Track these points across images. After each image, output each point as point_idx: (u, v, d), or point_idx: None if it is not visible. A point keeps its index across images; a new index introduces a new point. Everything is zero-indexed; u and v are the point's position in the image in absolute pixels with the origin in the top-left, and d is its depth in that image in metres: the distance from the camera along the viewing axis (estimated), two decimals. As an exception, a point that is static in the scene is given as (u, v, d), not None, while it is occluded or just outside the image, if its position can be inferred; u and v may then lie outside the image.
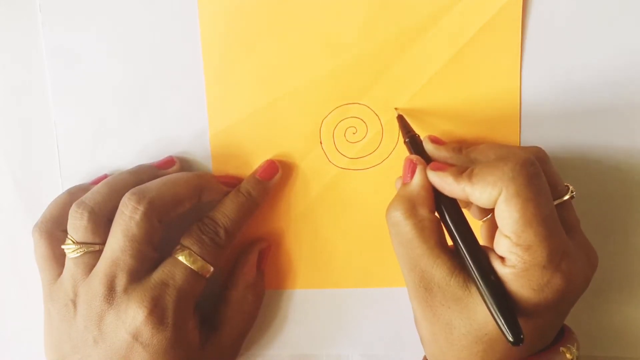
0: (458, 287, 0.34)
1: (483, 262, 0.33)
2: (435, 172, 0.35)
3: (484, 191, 0.32)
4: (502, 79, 0.40)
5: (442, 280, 0.34)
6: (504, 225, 0.32)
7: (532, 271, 0.31)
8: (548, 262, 0.31)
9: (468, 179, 0.33)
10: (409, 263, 0.35)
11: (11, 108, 0.43)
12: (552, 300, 0.32)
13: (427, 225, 0.35)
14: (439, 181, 0.35)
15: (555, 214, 0.33)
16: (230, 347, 0.42)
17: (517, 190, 0.32)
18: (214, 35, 0.41)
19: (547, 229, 0.31)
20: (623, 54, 0.39)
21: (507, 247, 0.32)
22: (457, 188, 0.34)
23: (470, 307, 0.33)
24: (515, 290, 0.32)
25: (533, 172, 0.32)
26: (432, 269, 0.34)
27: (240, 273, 0.42)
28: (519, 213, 0.31)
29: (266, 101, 0.41)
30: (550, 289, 0.32)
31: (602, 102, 0.40)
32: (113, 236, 0.37)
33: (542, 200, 0.32)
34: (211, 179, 0.41)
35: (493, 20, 0.39)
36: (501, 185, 0.32)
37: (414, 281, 0.35)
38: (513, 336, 0.31)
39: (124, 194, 0.38)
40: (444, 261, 0.34)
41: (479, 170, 0.33)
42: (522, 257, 0.32)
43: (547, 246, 0.31)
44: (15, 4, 0.42)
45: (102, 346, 0.37)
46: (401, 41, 0.40)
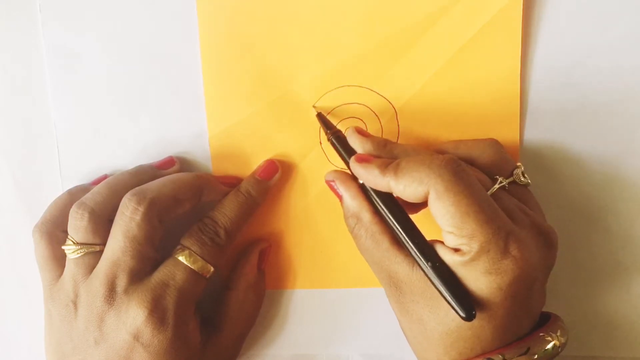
0: (419, 280, 0.34)
1: (426, 247, 0.33)
2: (361, 164, 0.36)
3: (409, 185, 0.33)
4: (502, 79, 0.40)
5: (406, 276, 0.34)
6: (443, 222, 0.32)
7: (480, 257, 0.32)
8: (493, 245, 0.32)
9: (394, 172, 0.34)
10: (375, 267, 0.36)
11: (11, 108, 0.43)
12: (508, 284, 0.32)
13: (375, 229, 0.36)
14: (364, 173, 0.35)
15: (492, 201, 0.33)
16: (231, 347, 0.42)
17: (446, 185, 0.32)
18: (213, 35, 0.41)
19: (485, 215, 0.32)
20: (623, 53, 0.39)
21: (453, 240, 0.32)
22: (382, 181, 0.34)
23: (434, 297, 0.34)
24: (466, 277, 0.32)
25: (458, 168, 0.33)
26: (394, 267, 0.35)
27: (241, 273, 0.42)
28: (454, 206, 0.32)
29: (265, 101, 0.41)
30: (501, 271, 0.32)
31: (602, 101, 0.40)
32: (113, 237, 0.37)
33: (474, 190, 0.32)
34: (211, 179, 0.41)
35: (493, 20, 0.39)
36: (428, 182, 0.32)
37: (385, 283, 0.36)
38: (464, 311, 0.31)
39: (124, 195, 0.38)
40: (402, 257, 0.35)
41: (405, 164, 0.34)
42: (469, 245, 0.32)
43: (488, 230, 0.32)
44: (15, 4, 0.42)
45: (102, 347, 0.37)
46: (401, 41, 0.40)
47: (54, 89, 0.42)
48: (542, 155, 0.41)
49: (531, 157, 0.41)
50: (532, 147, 0.41)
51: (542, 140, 0.40)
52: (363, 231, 0.36)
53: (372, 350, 0.44)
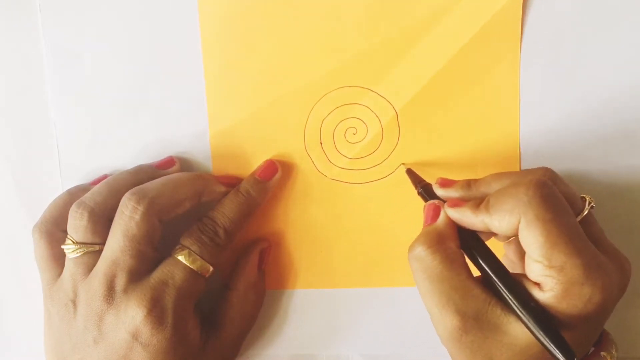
0: (495, 317, 0.33)
1: (519, 289, 0.33)
2: (454, 209, 0.35)
3: (502, 219, 0.33)
4: (502, 79, 0.40)
5: (479, 311, 0.33)
6: (532, 250, 0.32)
7: (572, 291, 0.31)
8: (585, 278, 0.31)
9: (486, 210, 0.34)
10: (440, 299, 0.34)
11: (11, 108, 0.43)
12: (593, 314, 0.32)
13: (456, 259, 0.34)
14: (459, 216, 0.35)
15: (580, 229, 0.33)
16: (230, 347, 0.42)
17: (536, 213, 0.31)
18: (214, 35, 0.41)
19: (575, 246, 0.31)
20: (624, 53, 0.39)
21: (541, 271, 0.32)
22: (477, 220, 0.34)
23: (510, 333, 0.33)
24: (560, 312, 0.32)
25: (548, 192, 0.32)
26: (467, 301, 0.33)
27: (241, 273, 0.42)
28: (543, 236, 0.31)
29: (266, 101, 0.41)
30: (592, 304, 0.31)
31: (603, 102, 0.40)
32: (113, 236, 0.37)
33: (564, 218, 0.32)
34: (211, 179, 0.41)
35: (493, 20, 0.39)
36: (518, 211, 0.32)
37: (448, 318, 0.34)
38: (565, 355, 0.31)
39: (123, 194, 0.38)
40: (479, 293, 0.33)
41: (494, 199, 0.33)
42: (559, 278, 0.31)
43: (580, 263, 0.31)
44: (15, 4, 0.42)
45: (102, 346, 0.37)
46: (401, 42, 0.40)
47: (54, 89, 0.42)
48: (543, 154, 0.41)
49: (532, 157, 0.41)
50: (532, 147, 0.41)
51: (541, 140, 0.41)
52: (440, 256, 0.34)
53: (372, 350, 0.44)
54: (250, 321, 0.43)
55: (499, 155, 0.41)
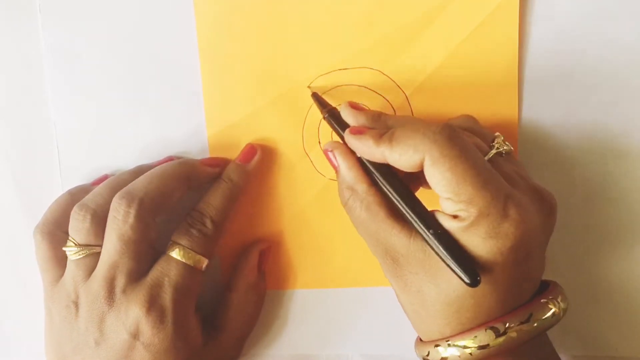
0: (419, 250, 0.34)
1: (426, 215, 0.33)
2: (355, 135, 0.35)
3: (404, 153, 0.33)
4: (500, 76, 0.40)
5: (403, 247, 0.34)
6: (440, 188, 0.32)
7: (479, 221, 0.31)
8: (492, 208, 0.31)
9: (388, 141, 0.34)
10: (370, 240, 0.36)
11: (11, 108, 0.43)
12: (506, 247, 0.32)
13: (371, 200, 0.35)
14: (359, 144, 0.35)
15: (488, 165, 0.33)
16: (232, 348, 0.42)
17: (441, 151, 0.32)
18: (210, 35, 0.41)
19: (482, 178, 0.32)
20: (622, 49, 0.39)
21: (452, 206, 0.32)
22: (377, 151, 0.34)
23: (434, 267, 0.33)
24: (467, 243, 0.32)
25: (453, 133, 0.33)
26: (391, 239, 0.34)
27: (241, 274, 0.42)
28: (450, 171, 0.32)
29: (264, 101, 0.41)
30: (501, 235, 0.32)
31: (601, 96, 0.40)
32: (109, 241, 0.37)
33: (470, 154, 0.32)
34: (196, 164, 0.41)
35: (490, 17, 0.39)
36: (423, 149, 0.32)
37: (380, 256, 0.35)
38: (469, 277, 0.31)
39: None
40: (400, 229, 0.34)
41: (400, 132, 0.33)
42: (467, 210, 0.31)
43: (486, 194, 0.31)
44: (15, 4, 0.42)
45: (103, 348, 0.37)
46: (398, 39, 0.40)
47: (54, 89, 0.42)
48: (541, 147, 0.41)
49: (530, 153, 0.41)
50: (530, 142, 0.41)
51: (541, 135, 0.40)
52: (358, 203, 0.35)
53: (372, 350, 0.44)
54: (251, 322, 0.43)
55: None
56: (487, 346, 0.33)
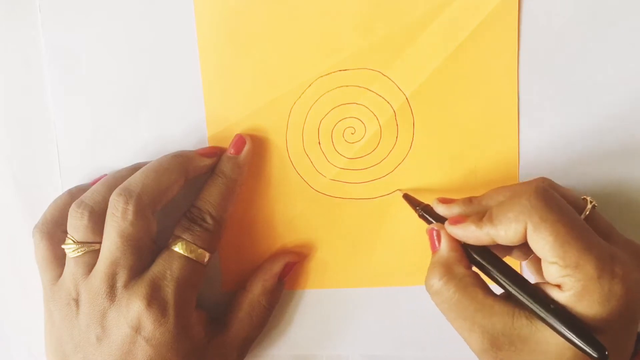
0: (523, 327, 0.33)
1: (538, 293, 0.33)
2: (455, 225, 0.35)
3: (508, 228, 0.33)
4: (500, 76, 0.40)
5: (505, 326, 0.33)
6: (544, 253, 0.32)
7: (590, 286, 0.31)
8: (601, 271, 0.31)
9: (489, 221, 0.34)
10: (465, 324, 0.34)
11: (11, 108, 0.43)
12: (620, 308, 0.31)
13: (469, 282, 0.35)
14: (462, 232, 0.35)
15: (587, 226, 0.33)
16: (235, 350, 0.41)
17: (541, 216, 0.32)
18: (211, 35, 0.41)
19: (586, 241, 0.31)
20: (622, 49, 0.39)
21: (557, 272, 0.32)
22: (481, 233, 0.34)
23: (540, 342, 0.33)
24: (582, 311, 0.32)
25: (549, 196, 0.33)
26: (492, 319, 0.34)
27: (261, 278, 0.42)
28: (552, 236, 0.31)
29: (264, 101, 0.41)
30: (614, 297, 0.31)
31: (601, 98, 0.40)
32: (108, 238, 0.37)
33: (569, 216, 0.32)
34: (192, 155, 0.40)
35: (489, 18, 0.39)
36: (524, 218, 0.32)
37: (478, 340, 0.34)
38: (597, 352, 0.30)
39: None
40: (500, 308, 0.34)
41: (497, 210, 0.34)
42: (575, 276, 0.31)
43: (593, 256, 0.31)
44: (15, 4, 0.42)
45: (105, 343, 0.37)
46: (397, 41, 0.40)
47: (54, 89, 0.42)
48: (542, 151, 0.41)
49: (531, 155, 0.41)
50: (531, 144, 0.41)
51: (540, 138, 0.40)
52: (453, 284, 0.35)
53: (372, 350, 0.44)
54: (258, 327, 0.42)
55: (497, 154, 0.41)
56: None
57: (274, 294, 0.42)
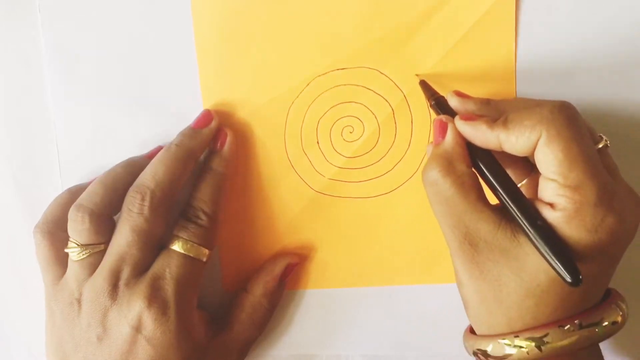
0: (505, 239, 0.32)
1: (529, 207, 0.32)
2: (467, 122, 0.34)
3: (521, 135, 0.32)
4: (498, 74, 0.40)
5: (489, 233, 0.33)
6: (548, 168, 0.31)
7: (584, 211, 0.30)
8: (599, 200, 0.30)
9: (503, 125, 0.32)
10: (451, 221, 0.34)
11: (11, 108, 0.43)
12: (606, 242, 0.31)
13: (466, 181, 0.34)
14: (472, 131, 0.34)
15: (597, 156, 0.32)
16: (235, 351, 0.41)
17: (559, 130, 0.31)
18: (208, 35, 0.41)
19: (594, 167, 0.31)
20: (619, 46, 0.39)
21: (554, 190, 0.31)
22: (491, 135, 0.33)
23: (519, 258, 0.32)
24: (568, 234, 0.31)
25: (572, 114, 0.32)
26: (477, 224, 0.33)
27: (262, 279, 0.42)
28: (563, 153, 0.30)
29: (262, 101, 0.41)
30: (604, 228, 0.31)
31: (599, 95, 0.40)
32: (120, 232, 0.37)
33: (585, 139, 0.31)
34: (192, 134, 0.40)
35: (487, 15, 0.39)
36: (540, 128, 0.31)
37: (458, 238, 0.34)
38: (571, 276, 0.29)
39: (120, 190, 0.38)
40: (489, 214, 0.33)
41: (514, 115, 0.32)
42: (572, 197, 0.30)
43: (596, 183, 0.30)
44: (15, 4, 0.42)
45: (106, 343, 0.37)
46: (395, 39, 0.40)
47: (54, 89, 0.42)
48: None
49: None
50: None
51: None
52: (450, 179, 0.33)
53: (372, 350, 0.44)
54: (259, 328, 0.42)
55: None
56: (555, 344, 0.32)
57: (275, 295, 0.42)
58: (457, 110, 0.36)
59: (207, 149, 0.41)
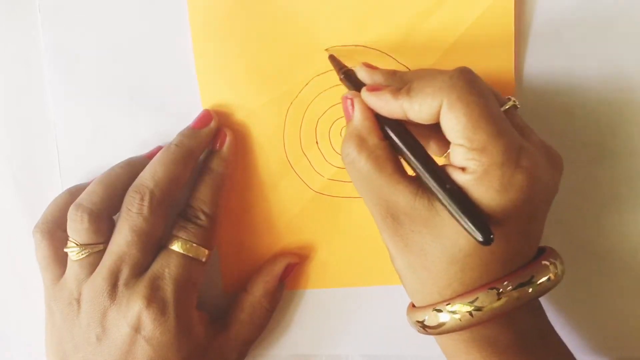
0: (423, 208, 0.32)
1: (439, 172, 0.32)
2: (371, 92, 0.34)
3: (423, 103, 0.32)
4: (497, 73, 0.40)
5: (407, 204, 0.33)
6: (454, 133, 0.31)
7: (492, 172, 0.30)
8: (506, 159, 0.30)
9: (407, 94, 0.33)
10: (372, 196, 0.34)
11: (11, 108, 0.43)
12: (519, 200, 0.31)
13: (380, 154, 0.34)
14: (376, 101, 0.34)
15: (503, 115, 0.32)
16: (235, 351, 0.41)
17: (459, 95, 0.31)
18: (206, 36, 0.41)
19: (497, 127, 0.31)
20: (618, 43, 0.39)
21: (463, 154, 0.31)
22: (396, 104, 0.33)
23: (438, 225, 0.32)
24: (479, 196, 0.31)
25: (472, 77, 0.32)
26: (395, 196, 0.33)
27: (262, 279, 0.42)
28: (466, 116, 0.31)
29: (260, 101, 0.41)
30: (514, 187, 0.31)
31: (598, 93, 0.40)
32: (120, 232, 0.37)
33: (487, 100, 0.31)
34: (192, 135, 0.40)
35: (486, 13, 0.39)
36: (441, 94, 0.31)
37: (380, 214, 0.34)
38: (482, 234, 0.30)
39: (119, 190, 0.38)
40: (405, 185, 0.33)
41: (416, 83, 0.33)
42: (480, 159, 0.31)
43: (501, 143, 0.30)
44: (15, 4, 0.42)
45: (105, 343, 0.37)
46: (394, 38, 0.40)
47: (54, 89, 0.42)
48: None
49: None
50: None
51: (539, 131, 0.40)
52: (365, 155, 0.34)
53: (372, 350, 0.44)
54: (259, 328, 0.42)
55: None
56: (487, 307, 0.32)
57: (275, 295, 0.42)
58: (365, 82, 0.36)
59: (207, 150, 0.41)
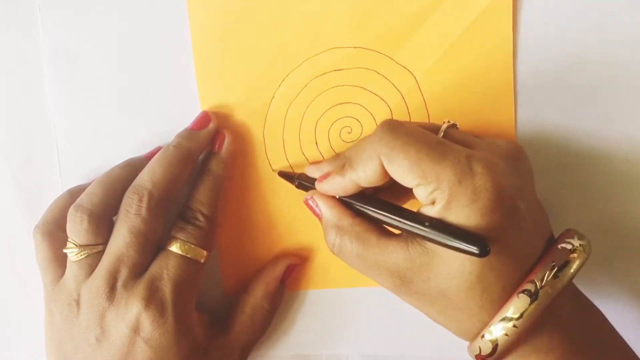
0: (420, 255, 0.33)
1: (415, 216, 0.33)
2: (323, 180, 0.36)
3: (366, 168, 0.33)
4: (496, 74, 0.39)
5: (405, 260, 0.33)
6: (405, 178, 0.32)
7: (455, 191, 0.31)
8: (459, 173, 0.31)
9: (350, 167, 0.34)
10: (373, 270, 0.35)
11: (11, 108, 0.43)
12: (492, 200, 0.31)
13: (359, 230, 0.35)
14: (330, 185, 0.36)
15: (440, 139, 0.33)
16: (236, 352, 0.41)
17: (389, 145, 0.32)
18: (205, 36, 0.41)
19: (438, 151, 0.32)
20: (616, 43, 0.39)
21: (424, 191, 0.32)
22: (346, 180, 0.35)
23: (440, 263, 0.33)
24: (457, 217, 0.31)
25: (394, 125, 0.33)
26: (391, 258, 0.34)
27: (263, 281, 0.42)
28: (406, 159, 0.32)
29: (259, 103, 0.41)
30: (480, 192, 0.31)
31: (596, 94, 0.39)
32: (118, 233, 0.37)
33: (417, 136, 0.32)
34: (190, 136, 0.40)
35: (484, 14, 0.39)
36: (375, 153, 0.32)
37: (388, 281, 0.34)
38: (477, 247, 0.30)
39: (119, 190, 0.39)
40: (395, 244, 0.34)
41: (353, 154, 0.34)
42: (439, 187, 0.31)
43: (448, 162, 0.31)
44: (14, 4, 0.42)
45: (104, 345, 0.37)
46: (392, 39, 0.40)
47: (54, 89, 0.42)
48: (540, 144, 0.40)
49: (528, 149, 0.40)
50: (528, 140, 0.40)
51: (537, 134, 0.40)
52: (347, 239, 0.35)
53: (372, 350, 0.44)
54: (260, 330, 0.42)
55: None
56: (526, 312, 0.32)
57: (276, 296, 0.42)
58: (315, 176, 0.38)
59: (206, 151, 0.41)
